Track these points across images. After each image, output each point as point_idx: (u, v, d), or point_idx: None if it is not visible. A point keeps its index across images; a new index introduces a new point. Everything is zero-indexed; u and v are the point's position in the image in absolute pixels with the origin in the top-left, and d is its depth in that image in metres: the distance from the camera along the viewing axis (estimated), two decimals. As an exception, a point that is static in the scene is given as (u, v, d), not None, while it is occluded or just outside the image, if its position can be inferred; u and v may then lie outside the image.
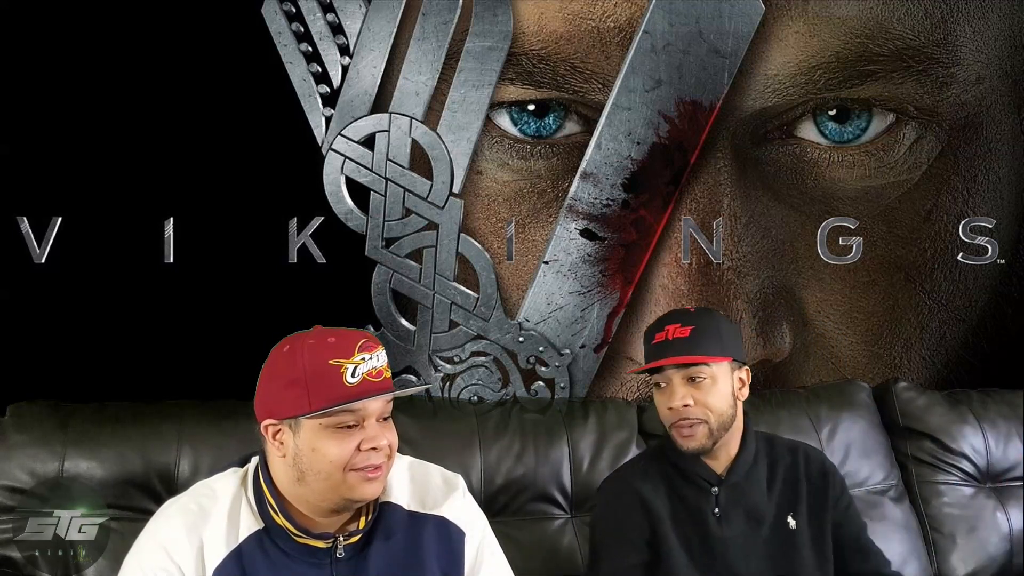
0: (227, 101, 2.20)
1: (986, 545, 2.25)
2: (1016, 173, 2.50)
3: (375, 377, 1.36)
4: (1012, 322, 2.54)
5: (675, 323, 1.75)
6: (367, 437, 1.36)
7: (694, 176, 2.36)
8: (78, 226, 2.20)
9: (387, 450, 1.39)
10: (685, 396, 1.71)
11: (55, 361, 2.19)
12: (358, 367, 1.35)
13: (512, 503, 2.13)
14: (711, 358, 1.72)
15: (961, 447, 2.32)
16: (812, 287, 2.45)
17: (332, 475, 1.36)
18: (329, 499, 1.39)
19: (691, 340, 1.72)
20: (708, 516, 1.74)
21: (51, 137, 2.18)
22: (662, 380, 1.75)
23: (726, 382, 1.74)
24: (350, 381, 1.34)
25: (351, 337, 1.38)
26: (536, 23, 2.28)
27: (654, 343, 1.77)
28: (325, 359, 1.35)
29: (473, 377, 2.35)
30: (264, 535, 1.40)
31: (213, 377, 2.16)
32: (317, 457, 1.36)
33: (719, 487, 1.75)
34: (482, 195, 2.33)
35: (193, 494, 1.46)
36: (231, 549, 1.39)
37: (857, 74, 2.36)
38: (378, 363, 1.37)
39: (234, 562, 1.38)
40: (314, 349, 1.37)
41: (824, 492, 1.79)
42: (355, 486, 1.37)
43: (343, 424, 1.35)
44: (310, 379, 1.35)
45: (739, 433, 1.79)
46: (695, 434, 1.72)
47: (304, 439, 1.36)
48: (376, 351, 1.38)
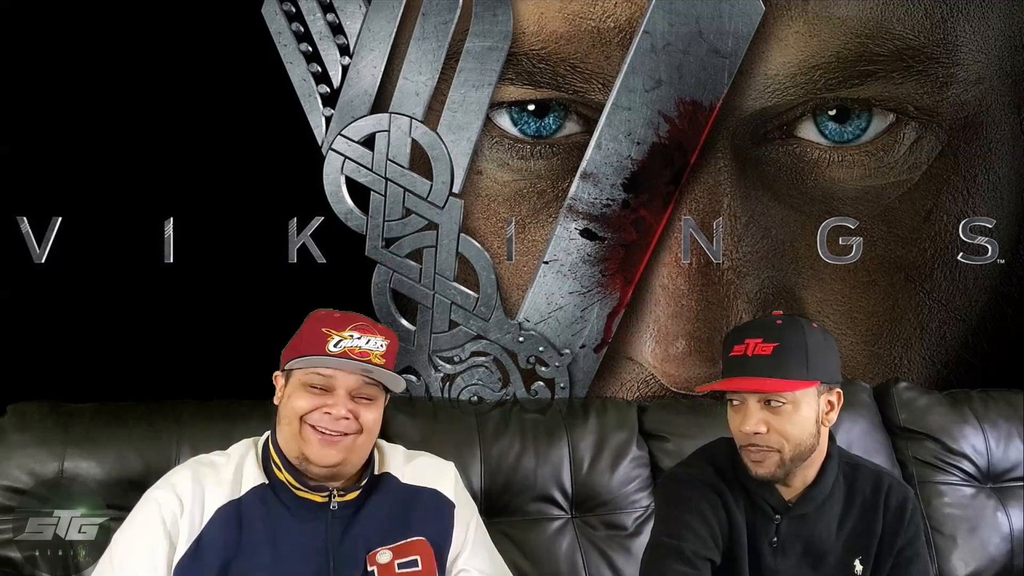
0: (227, 101, 2.20)
1: (987, 545, 2.25)
2: (1016, 173, 2.50)
3: (356, 355, 1.51)
4: (1012, 322, 2.54)
5: (757, 336, 1.57)
6: (329, 403, 1.51)
7: (694, 176, 2.36)
8: (78, 226, 2.20)
9: (346, 424, 1.51)
10: (760, 422, 1.54)
11: (55, 361, 2.19)
12: (343, 341, 1.52)
13: (512, 503, 2.13)
14: (794, 384, 1.53)
15: (962, 447, 2.32)
16: (812, 287, 2.45)
17: (292, 422, 1.53)
18: (292, 448, 1.54)
19: (773, 360, 1.53)
20: (764, 544, 1.61)
21: (51, 137, 2.18)
22: (736, 398, 1.59)
23: (810, 408, 1.56)
24: (331, 350, 1.51)
25: (353, 318, 1.57)
26: (536, 23, 2.28)
27: (731, 355, 1.59)
28: (320, 327, 1.54)
29: (473, 377, 2.34)
30: (267, 490, 1.54)
31: (213, 377, 2.17)
32: (288, 404, 1.55)
33: (783, 516, 1.60)
34: (482, 195, 2.33)
35: (209, 454, 1.62)
36: (232, 498, 1.53)
37: (857, 74, 2.36)
38: (364, 344, 1.52)
39: (233, 509, 1.52)
40: (318, 318, 1.58)
41: (895, 534, 1.63)
42: (310, 441, 1.51)
43: (314, 384, 1.52)
44: (304, 340, 1.55)
45: (820, 460, 1.61)
46: (765, 461, 1.56)
47: (289, 388, 1.56)
48: (369, 336, 1.53)
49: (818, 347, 1.59)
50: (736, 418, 1.59)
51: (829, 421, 1.61)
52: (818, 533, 1.62)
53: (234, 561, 1.48)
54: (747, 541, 1.61)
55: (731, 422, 1.61)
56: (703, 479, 1.64)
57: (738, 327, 1.67)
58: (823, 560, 1.62)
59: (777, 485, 1.61)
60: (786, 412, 1.54)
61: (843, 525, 1.63)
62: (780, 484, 1.61)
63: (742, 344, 1.57)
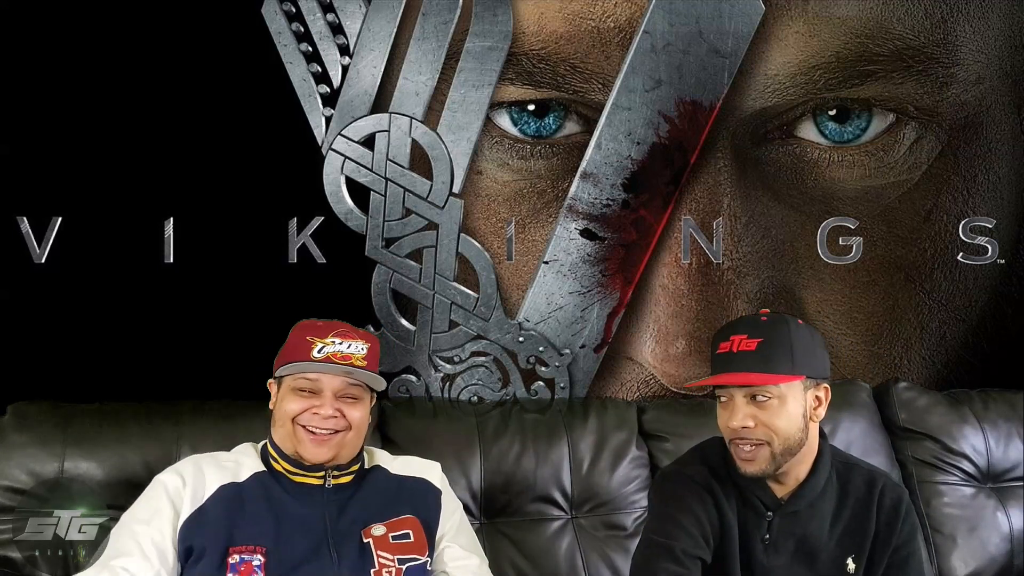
0: (227, 101, 2.20)
1: (987, 545, 2.25)
2: (1016, 173, 2.50)
3: (339, 359, 1.62)
4: (1012, 322, 2.54)
5: (742, 333, 1.58)
6: (317, 405, 1.62)
7: (694, 176, 2.36)
8: (78, 226, 2.20)
9: (334, 422, 1.63)
10: (747, 416, 1.55)
11: (55, 361, 2.19)
12: (326, 347, 1.63)
13: (512, 503, 2.13)
14: (778, 377, 1.55)
15: (961, 447, 2.32)
16: (812, 287, 2.45)
17: (286, 424, 1.64)
18: (288, 446, 1.65)
19: (757, 355, 1.55)
20: (756, 541, 1.61)
21: (51, 137, 2.18)
22: (723, 394, 1.60)
23: (797, 402, 1.56)
24: (315, 356, 1.62)
25: (334, 326, 1.67)
26: (536, 23, 2.28)
27: (718, 353, 1.61)
28: (304, 336, 1.65)
29: (473, 377, 2.34)
30: (266, 476, 1.66)
31: (213, 377, 2.17)
32: (280, 407, 1.66)
33: (775, 513, 1.61)
34: (482, 195, 2.33)
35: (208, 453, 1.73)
36: (234, 480, 1.64)
37: (857, 74, 2.36)
38: (347, 349, 1.63)
39: (234, 489, 1.63)
40: (303, 327, 1.69)
41: (889, 533, 1.63)
42: (302, 441, 1.63)
43: (303, 388, 1.64)
44: (291, 348, 1.67)
45: (811, 456, 1.61)
46: (755, 457, 1.56)
47: (281, 393, 1.67)
48: (350, 341, 1.65)
49: (803, 342, 1.59)
50: (724, 414, 1.60)
51: (817, 416, 1.61)
52: (811, 531, 1.62)
53: (236, 529, 1.59)
54: (739, 538, 1.61)
55: (719, 418, 1.62)
56: (695, 478, 1.65)
57: (724, 325, 1.68)
58: (816, 558, 1.62)
59: (769, 482, 1.61)
60: (772, 406, 1.55)
61: (836, 523, 1.63)
62: (772, 481, 1.61)
63: (727, 341, 1.60)
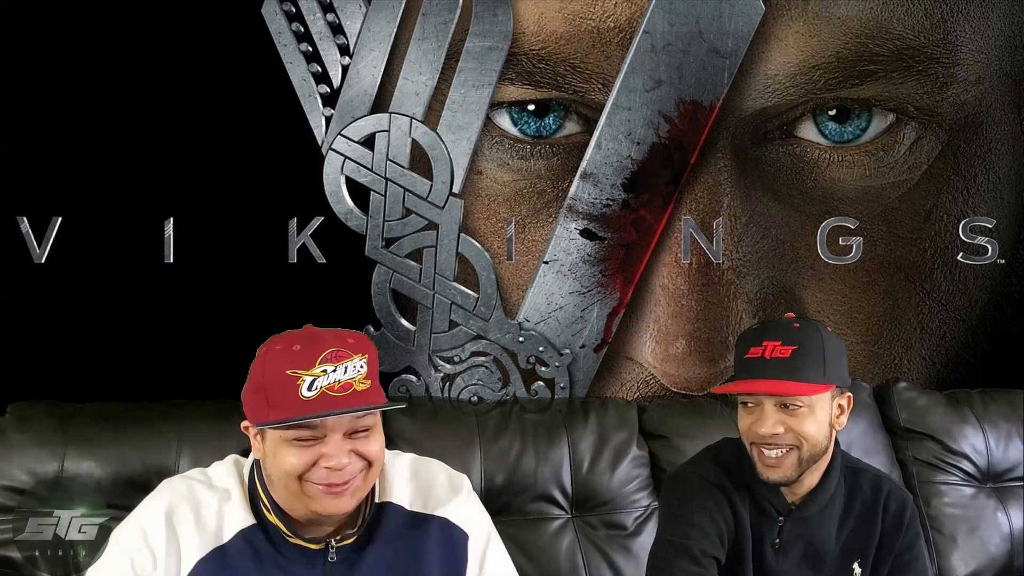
0: (227, 101, 2.20)
1: (987, 545, 2.25)
2: (1016, 173, 2.50)
3: (338, 391, 1.27)
4: (1012, 322, 2.54)
5: (775, 339, 1.54)
6: (327, 453, 1.29)
7: (694, 176, 2.36)
8: (78, 226, 2.20)
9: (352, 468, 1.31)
10: (776, 423, 1.53)
11: (55, 361, 2.19)
12: (316, 380, 1.27)
13: (512, 503, 2.13)
14: (813, 387, 1.52)
15: (961, 447, 2.32)
16: (812, 287, 2.45)
17: (289, 484, 1.31)
18: (295, 508, 1.34)
19: (792, 363, 1.52)
20: (767, 545, 1.61)
21: (51, 137, 2.18)
22: (750, 400, 1.56)
23: (824, 411, 1.55)
24: (305, 395, 1.26)
25: (318, 346, 1.30)
26: (536, 23, 2.28)
27: (747, 357, 1.57)
28: (283, 369, 1.28)
29: (473, 377, 2.34)
30: (256, 531, 1.36)
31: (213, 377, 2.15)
32: (276, 464, 1.32)
33: (786, 518, 1.60)
34: (482, 195, 2.33)
35: (190, 478, 1.42)
36: (216, 545, 1.34)
37: (857, 74, 2.36)
38: (343, 376, 1.28)
39: (217, 558, 1.33)
40: (277, 356, 1.31)
41: (893, 538, 1.63)
42: (316, 498, 1.31)
43: (300, 437, 1.29)
44: (269, 388, 1.29)
45: (826, 463, 1.60)
46: (781, 464, 1.54)
47: (268, 445, 1.33)
48: (345, 362, 1.29)
49: (833, 351, 1.58)
50: (749, 419, 1.57)
51: (840, 424, 1.60)
52: (818, 535, 1.62)
53: None
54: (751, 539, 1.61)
55: (742, 423, 1.59)
56: (710, 478, 1.64)
57: (753, 329, 1.65)
58: (822, 562, 1.62)
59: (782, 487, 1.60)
60: (803, 414, 1.53)
61: (842, 528, 1.63)
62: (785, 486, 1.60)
63: (759, 346, 1.56)
